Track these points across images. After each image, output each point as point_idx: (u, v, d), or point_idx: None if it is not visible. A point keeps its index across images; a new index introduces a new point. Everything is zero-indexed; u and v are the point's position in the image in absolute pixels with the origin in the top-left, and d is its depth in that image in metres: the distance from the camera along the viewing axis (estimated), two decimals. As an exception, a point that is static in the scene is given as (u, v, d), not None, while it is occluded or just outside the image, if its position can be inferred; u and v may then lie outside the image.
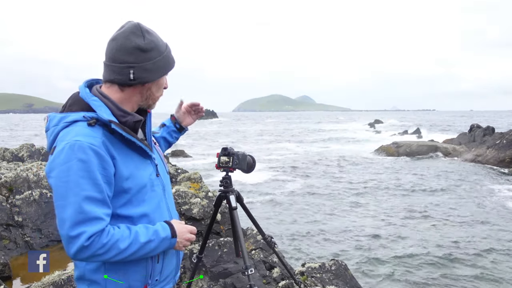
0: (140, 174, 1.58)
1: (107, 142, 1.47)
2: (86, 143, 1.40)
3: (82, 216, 1.38)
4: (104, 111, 1.50)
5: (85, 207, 1.38)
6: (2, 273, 3.97)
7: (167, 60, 1.60)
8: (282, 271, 3.89)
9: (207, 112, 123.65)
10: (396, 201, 13.04)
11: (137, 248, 1.49)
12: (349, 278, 4.02)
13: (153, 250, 1.55)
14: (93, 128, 1.46)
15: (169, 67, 1.62)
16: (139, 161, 1.59)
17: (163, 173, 1.74)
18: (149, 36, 1.53)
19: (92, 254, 1.41)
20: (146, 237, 1.51)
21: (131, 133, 1.52)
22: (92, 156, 1.41)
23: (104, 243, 1.41)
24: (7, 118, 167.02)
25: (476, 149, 22.08)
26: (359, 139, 42.00)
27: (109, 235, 1.43)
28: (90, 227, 1.39)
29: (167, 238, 1.58)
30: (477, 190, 14.54)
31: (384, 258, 8.07)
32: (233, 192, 2.55)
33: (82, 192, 1.38)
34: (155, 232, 1.55)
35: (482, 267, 7.62)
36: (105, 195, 1.45)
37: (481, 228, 10.00)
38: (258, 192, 14.63)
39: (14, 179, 5.16)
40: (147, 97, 1.62)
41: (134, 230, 1.50)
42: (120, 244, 1.45)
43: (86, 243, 1.38)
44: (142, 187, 1.58)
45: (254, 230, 4.48)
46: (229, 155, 2.47)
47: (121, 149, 1.52)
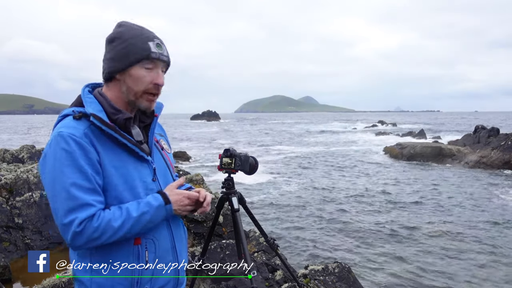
0: (128, 173, 1.55)
1: (91, 135, 1.48)
2: (67, 133, 1.44)
3: (71, 203, 1.41)
4: (93, 107, 1.53)
5: (73, 194, 1.41)
6: (2, 275, 3.94)
7: (133, 48, 1.53)
8: (285, 274, 3.86)
9: (210, 113, 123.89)
10: (401, 204, 12.95)
11: (132, 223, 1.48)
12: (352, 281, 3.98)
13: (150, 222, 1.53)
14: (78, 121, 1.49)
15: (134, 56, 1.53)
16: (128, 161, 1.56)
17: (163, 179, 1.68)
18: (118, 28, 1.57)
19: (88, 239, 1.42)
20: (138, 211, 1.49)
21: (113, 128, 1.50)
22: (74, 146, 1.43)
23: (96, 227, 1.42)
24: (16, 119, 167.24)
25: (481, 150, 21.96)
26: (362, 140, 41.94)
27: (100, 218, 1.43)
28: (80, 213, 1.41)
29: (161, 206, 1.55)
30: (482, 193, 14.47)
31: (388, 261, 8.01)
32: (236, 194, 2.52)
33: (68, 180, 1.41)
34: (147, 203, 1.52)
35: (489, 273, 7.56)
36: (94, 183, 1.46)
37: (484, 229, 9.94)
38: (260, 193, 14.59)
39: (14, 181, 5.14)
40: (126, 91, 1.57)
41: (125, 207, 1.49)
42: (113, 223, 1.44)
43: (77, 229, 1.40)
44: (130, 188, 1.55)
45: (257, 232, 4.45)
46: (231, 156, 2.44)
47: (106, 144, 1.51)
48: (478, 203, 12.85)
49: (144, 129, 1.70)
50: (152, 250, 1.59)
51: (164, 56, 1.59)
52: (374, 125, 72.12)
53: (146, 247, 1.57)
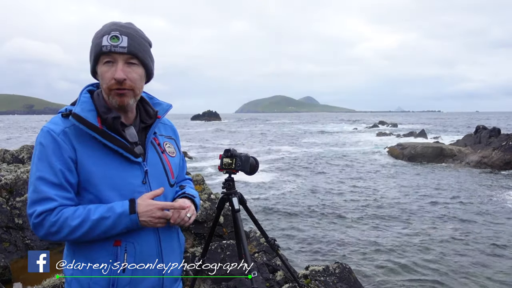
0: (110, 173, 1.52)
1: (71, 133, 1.50)
2: (47, 128, 1.49)
3: (35, 196, 1.46)
4: (84, 106, 1.54)
5: (38, 186, 1.46)
6: (2, 276, 3.93)
7: (92, 46, 1.54)
8: (286, 274, 3.85)
9: (210, 114, 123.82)
10: (401, 205, 12.94)
11: (90, 226, 1.45)
12: (353, 282, 3.97)
13: (112, 228, 1.47)
14: (65, 119, 1.52)
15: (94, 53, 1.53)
16: (112, 161, 1.53)
17: (156, 183, 1.63)
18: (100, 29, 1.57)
19: (47, 232, 1.46)
20: (97, 214, 1.46)
21: (93, 128, 1.49)
22: (49, 141, 1.47)
23: (53, 221, 1.44)
24: (21, 119, 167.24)
25: (482, 151, 21.93)
26: (362, 140, 41.90)
27: (59, 214, 1.45)
28: (40, 206, 1.45)
29: (125, 215, 1.47)
30: (483, 194, 14.45)
31: (389, 262, 8.00)
32: (236, 194, 2.52)
33: (37, 173, 1.47)
34: (110, 209, 1.47)
35: (490, 272, 7.54)
36: (61, 179, 1.47)
37: (485, 229, 9.92)
38: (261, 193, 14.58)
39: (15, 181, 5.13)
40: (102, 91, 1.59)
41: (88, 208, 1.48)
42: (70, 222, 1.45)
43: (35, 220, 1.45)
44: (114, 188, 1.52)
45: (257, 233, 4.44)
46: (231, 157, 2.44)
47: (88, 143, 1.51)
48: (479, 203, 12.83)
49: (144, 130, 1.67)
50: (132, 254, 1.54)
51: (119, 48, 1.48)
52: (375, 125, 72.05)
53: (126, 250, 1.53)
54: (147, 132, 1.66)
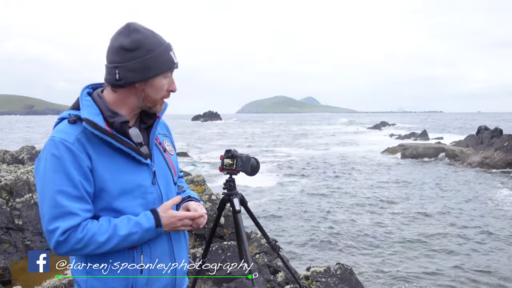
0: (125, 178, 1.52)
1: (84, 140, 1.46)
2: (59, 138, 1.43)
3: (56, 211, 1.39)
4: (90, 110, 1.49)
5: (59, 201, 1.39)
6: (2, 277, 3.92)
7: (158, 60, 1.51)
8: (287, 276, 3.84)
9: (211, 114, 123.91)
10: (403, 205, 12.91)
11: (118, 241, 1.45)
12: (354, 283, 3.95)
13: (138, 241, 1.51)
14: (73, 126, 1.47)
15: (160, 68, 1.53)
16: (124, 165, 1.53)
17: (164, 182, 1.66)
18: (136, 35, 1.49)
19: (70, 249, 1.42)
20: (126, 230, 1.46)
21: (107, 133, 1.47)
22: (64, 152, 1.42)
23: (80, 238, 1.41)
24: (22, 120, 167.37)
25: (484, 151, 21.88)
26: (364, 141, 41.87)
27: (85, 230, 1.42)
28: (63, 222, 1.39)
29: (152, 229, 1.51)
30: (485, 194, 14.40)
31: (390, 263, 7.98)
32: (237, 195, 2.50)
33: (55, 187, 1.40)
34: (136, 224, 1.48)
35: (490, 271, 7.52)
36: (82, 191, 1.43)
37: (486, 230, 9.90)
38: (262, 194, 14.58)
39: (14, 182, 5.12)
40: (144, 99, 1.56)
41: (113, 223, 1.46)
42: (97, 238, 1.43)
43: (61, 238, 1.39)
44: (126, 192, 1.52)
45: (258, 234, 4.42)
46: (232, 157, 2.43)
47: (100, 149, 1.48)
48: (481, 204, 12.81)
49: (146, 130, 1.66)
50: (148, 254, 1.57)
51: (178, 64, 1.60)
52: (376, 125, 71.99)
53: (142, 251, 1.56)
54: (149, 132, 1.66)
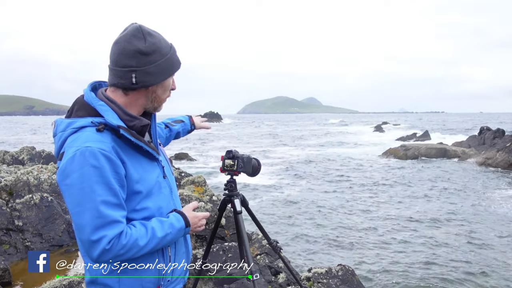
0: (149, 177, 1.60)
1: (117, 147, 1.49)
2: (97, 148, 1.43)
3: (101, 221, 1.42)
4: (112, 116, 1.51)
5: (103, 211, 1.42)
6: (2, 278, 3.91)
7: (171, 62, 1.59)
8: (288, 277, 3.82)
9: (212, 114, 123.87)
10: (405, 206, 12.89)
11: (156, 243, 1.54)
12: (356, 284, 3.93)
13: (171, 241, 1.63)
14: (102, 134, 1.48)
15: (173, 69, 1.61)
16: (147, 164, 1.61)
17: (169, 175, 1.77)
18: (150, 39, 1.53)
19: (114, 255, 1.46)
20: (163, 232, 1.56)
21: (139, 138, 1.54)
22: (104, 162, 1.43)
23: (124, 244, 1.46)
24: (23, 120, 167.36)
25: (486, 152, 21.85)
26: (365, 141, 41.83)
27: (128, 236, 1.47)
28: (110, 231, 1.43)
29: (182, 229, 1.64)
30: (488, 195, 14.38)
31: (392, 263, 7.96)
32: (238, 196, 2.51)
33: (98, 198, 1.42)
34: (170, 225, 1.59)
35: (491, 272, 7.50)
36: (120, 198, 1.48)
37: (487, 230, 9.87)
38: (262, 195, 14.55)
39: (15, 183, 5.10)
40: (153, 100, 1.62)
41: (150, 227, 1.54)
42: (139, 242, 1.50)
43: (107, 246, 1.43)
44: (151, 190, 1.61)
45: (259, 235, 4.41)
46: (233, 158, 2.42)
47: (130, 153, 1.54)
48: (484, 204, 12.78)
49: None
50: (173, 254, 1.71)
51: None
52: (378, 126, 71.94)
53: (169, 251, 1.69)
54: (149, 129, 1.72)
